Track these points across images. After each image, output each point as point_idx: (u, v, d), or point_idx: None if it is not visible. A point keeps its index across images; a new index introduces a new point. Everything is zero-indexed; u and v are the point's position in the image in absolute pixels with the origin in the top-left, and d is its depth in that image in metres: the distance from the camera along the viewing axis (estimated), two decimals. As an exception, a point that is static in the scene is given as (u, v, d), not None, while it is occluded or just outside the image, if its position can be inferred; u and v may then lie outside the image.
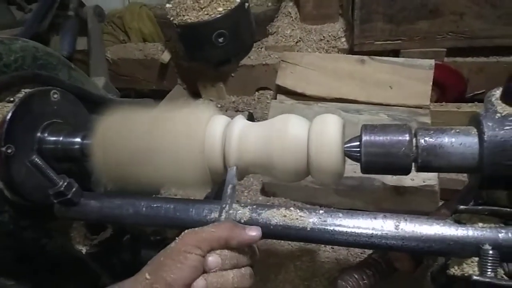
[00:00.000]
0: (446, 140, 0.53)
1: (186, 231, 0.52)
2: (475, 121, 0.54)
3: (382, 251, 0.79)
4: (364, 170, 0.57)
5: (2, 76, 0.66)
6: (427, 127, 0.56)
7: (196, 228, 0.52)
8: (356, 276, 0.74)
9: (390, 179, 0.94)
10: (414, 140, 0.54)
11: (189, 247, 0.49)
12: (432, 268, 0.80)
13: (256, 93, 1.46)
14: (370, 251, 0.95)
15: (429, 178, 0.92)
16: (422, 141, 0.54)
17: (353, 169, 1.00)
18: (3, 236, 0.70)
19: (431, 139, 0.54)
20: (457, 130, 0.54)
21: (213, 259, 0.49)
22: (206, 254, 0.49)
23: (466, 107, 1.18)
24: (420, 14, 1.15)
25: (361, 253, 0.94)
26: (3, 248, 0.73)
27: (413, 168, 0.55)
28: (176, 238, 0.51)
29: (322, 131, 0.57)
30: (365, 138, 0.55)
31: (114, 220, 0.65)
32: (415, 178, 0.93)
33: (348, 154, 0.57)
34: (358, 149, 0.56)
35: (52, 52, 0.82)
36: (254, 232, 0.52)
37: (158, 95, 1.52)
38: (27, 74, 0.70)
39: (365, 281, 0.74)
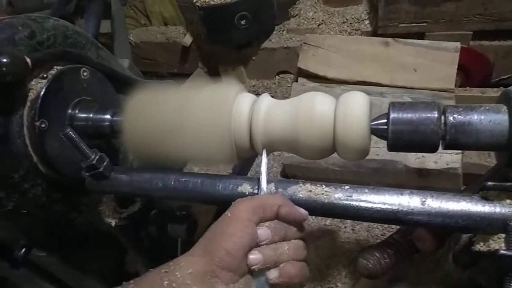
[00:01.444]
0: (475, 117, 0.53)
1: (237, 200, 0.52)
2: (506, 98, 0.53)
3: (404, 232, 0.80)
4: (391, 147, 0.57)
5: (36, 53, 0.68)
6: (456, 104, 0.56)
7: (248, 197, 0.53)
8: (377, 255, 0.75)
9: (413, 162, 0.94)
10: (442, 117, 0.54)
11: (246, 214, 0.48)
12: (454, 249, 0.81)
13: (277, 77, 1.46)
14: (391, 233, 0.95)
15: (453, 161, 0.91)
16: (451, 118, 0.53)
17: (375, 151, 1.01)
18: (36, 208, 0.73)
19: (460, 116, 0.53)
20: (487, 108, 0.53)
21: (263, 231, 0.49)
22: (258, 222, 0.49)
23: (491, 92, 1.16)
24: (447, -5, 1.12)
25: (381, 235, 0.94)
26: (35, 219, 0.76)
27: (440, 146, 0.56)
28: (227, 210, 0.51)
29: (348, 108, 0.57)
30: (393, 115, 0.55)
31: (144, 194, 0.67)
32: (439, 161, 0.92)
33: (374, 131, 0.58)
34: (386, 127, 0.56)
35: (81, 32, 0.84)
36: (302, 210, 0.53)
37: (179, 79, 1.54)
38: (59, 52, 0.72)
39: (386, 260, 0.75)
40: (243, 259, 0.47)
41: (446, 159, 0.92)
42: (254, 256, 0.47)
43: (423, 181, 0.94)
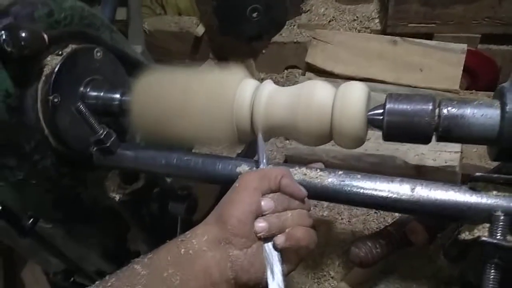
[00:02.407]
0: (468, 110, 0.55)
1: (246, 172, 0.55)
2: (499, 94, 0.55)
3: (398, 224, 0.82)
4: (386, 137, 0.59)
5: (53, 31, 0.71)
6: (452, 98, 0.58)
7: (253, 170, 0.56)
8: (370, 244, 0.77)
9: (412, 158, 0.95)
10: (437, 109, 0.56)
11: (252, 183, 0.51)
12: (445, 243, 0.83)
13: (285, 71, 1.48)
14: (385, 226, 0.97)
15: (451, 159, 0.93)
16: (444, 110, 0.55)
17: (376, 147, 1.03)
18: (45, 180, 0.76)
19: (453, 109, 0.55)
20: (480, 102, 0.55)
21: (266, 202, 0.50)
22: (265, 192, 0.51)
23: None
24: (456, -2, 1.13)
25: (377, 228, 0.96)
26: (43, 191, 0.79)
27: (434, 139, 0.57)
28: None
29: (346, 96, 0.59)
30: (389, 105, 0.57)
31: (147, 170, 0.70)
32: (437, 159, 0.94)
33: (371, 121, 0.60)
34: (381, 117, 0.58)
35: (97, 14, 0.87)
36: (302, 188, 0.54)
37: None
38: (74, 31, 0.75)
39: (378, 250, 0.77)
40: (253, 226, 0.49)
41: (444, 157, 0.93)
42: (259, 224, 0.49)
43: (421, 178, 0.95)
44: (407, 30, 1.22)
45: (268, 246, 0.50)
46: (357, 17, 1.34)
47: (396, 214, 0.96)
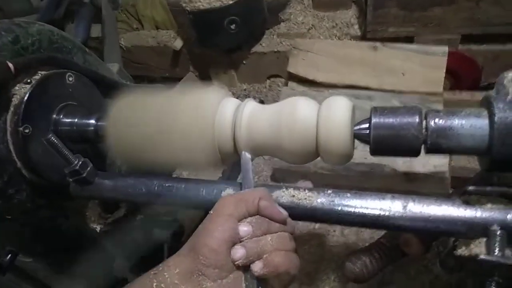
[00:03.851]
0: (456, 122, 0.53)
1: (222, 196, 0.53)
2: (486, 103, 0.54)
3: (391, 235, 0.80)
4: (373, 151, 0.57)
5: (20, 58, 0.68)
6: (438, 109, 0.56)
7: (231, 194, 0.53)
8: (364, 259, 0.75)
9: (401, 165, 0.94)
10: (424, 122, 0.54)
11: (227, 209, 0.49)
12: (441, 253, 0.81)
13: (268, 80, 1.47)
14: (379, 237, 0.95)
15: (440, 165, 0.91)
16: (431, 123, 0.54)
17: (363, 155, 1.01)
18: (21, 213, 0.73)
19: (440, 121, 0.54)
20: (468, 112, 0.54)
21: (244, 227, 0.48)
22: (241, 217, 0.49)
23: (480, 96, 1.16)
24: (434, 0, 1.13)
25: (370, 239, 0.94)
26: (21, 225, 0.76)
27: (422, 150, 0.56)
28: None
29: (331, 112, 0.57)
30: (374, 120, 0.55)
31: (128, 199, 0.67)
32: (426, 165, 0.92)
33: (357, 135, 0.58)
34: (368, 131, 0.56)
35: (67, 36, 0.84)
36: (282, 210, 0.52)
37: (170, 83, 1.54)
38: (43, 57, 0.72)
39: (373, 264, 0.75)
40: (227, 255, 0.47)
41: (433, 162, 0.92)
42: (236, 251, 0.47)
43: (410, 185, 0.94)
44: (387, 34, 1.21)
45: (247, 275, 0.48)
46: (336, 23, 1.33)
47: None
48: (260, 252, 0.48)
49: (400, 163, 0.94)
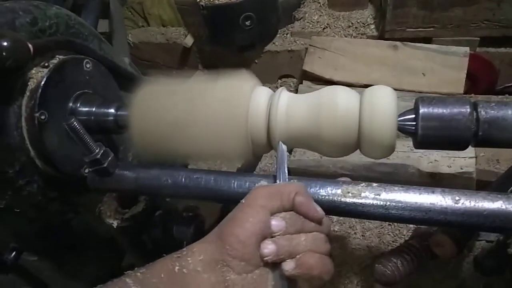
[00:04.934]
0: (509, 112, 0.50)
1: (256, 187, 0.49)
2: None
3: (421, 237, 0.77)
4: (419, 144, 0.54)
5: (37, 40, 0.64)
6: (488, 100, 0.54)
7: (266, 185, 0.49)
8: (395, 261, 0.72)
9: (426, 166, 0.91)
10: (474, 112, 0.51)
11: (260, 200, 0.45)
12: (476, 255, 0.78)
13: (279, 80, 1.44)
14: (402, 239, 0.92)
15: (467, 166, 0.89)
16: (483, 112, 0.51)
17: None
18: (30, 207, 0.69)
19: (493, 111, 0.51)
20: (522, 102, 0.51)
21: (277, 221, 0.45)
22: (275, 210, 0.45)
23: (497, 99, 1.15)
24: (455, 0, 1.11)
25: (393, 241, 0.91)
26: (28, 220, 0.71)
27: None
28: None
29: (376, 102, 0.54)
30: (422, 110, 0.53)
31: (151, 192, 0.63)
32: (452, 165, 0.89)
33: (401, 127, 0.55)
34: (414, 123, 0.53)
35: (84, 22, 0.81)
36: (319, 208, 0.48)
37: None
38: (62, 40, 0.68)
39: (404, 266, 0.72)
40: (256, 248, 0.43)
41: (459, 163, 0.90)
42: (267, 246, 0.43)
43: (436, 186, 0.91)
44: (405, 34, 1.19)
45: (275, 273, 0.44)
46: (352, 23, 1.31)
47: (411, 225, 0.91)
48: (292, 251, 0.44)
49: (425, 164, 0.91)
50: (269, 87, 1.48)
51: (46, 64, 0.66)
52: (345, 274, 0.85)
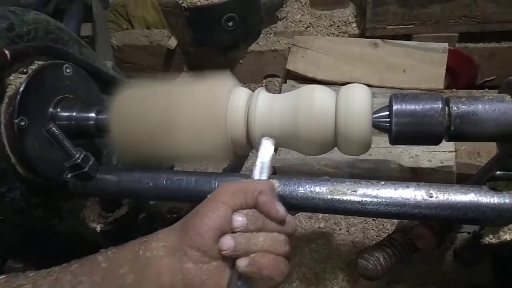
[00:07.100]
0: (479, 107, 0.52)
1: (223, 183, 0.50)
2: (508, 87, 0.53)
3: (403, 230, 0.78)
4: (394, 140, 0.55)
5: (16, 45, 0.64)
6: (458, 95, 0.55)
7: (233, 181, 0.51)
8: (377, 255, 0.73)
9: (407, 161, 0.93)
10: (446, 108, 0.53)
11: (223, 196, 0.47)
12: (456, 247, 0.79)
13: (264, 80, 1.44)
14: (386, 234, 0.93)
15: (447, 160, 0.90)
16: (454, 108, 0.52)
17: (368, 151, 0.99)
18: (13, 214, 0.68)
19: (464, 106, 0.52)
20: (490, 97, 0.52)
21: (237, 218, 0.46)
22: (237, 207, 0.46)
23: (476, 94, 1.17)
24: (434, -4, 1.13)
25: (377, 236, 0.92)
26: (12, 227, 0.71)
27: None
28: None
29: (350, 100, 0.55)
30: (396, 106, 0.54)
31: (133, 195, 0.63)
32: (432, 159, 0.91)
33: (376, 124, 0.56)
34: (388, 119, 0.55)
35: (63, 27, 0.80)
36: (281, 208, 0.47)
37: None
38: (41, 45, 0.68)
39: (387, 260, 0.73)
40: (214, 242, 0.45)
41: (439, 157, 0.91)
42: (225, 241, 0.45)
43: (417, 181, 0.93)
44: (386, 32, 1.20)
45: (233, 270, 0.46)
46: (334, 22, 1.32)
47: (395, 220, 0.93)
48: (248, 249, 0.45)
49: (406, 159, 0.93)
50: (255, 87, 1.49)
51: (25, 70, 0.65)
52: (330, 269, 0.87)
